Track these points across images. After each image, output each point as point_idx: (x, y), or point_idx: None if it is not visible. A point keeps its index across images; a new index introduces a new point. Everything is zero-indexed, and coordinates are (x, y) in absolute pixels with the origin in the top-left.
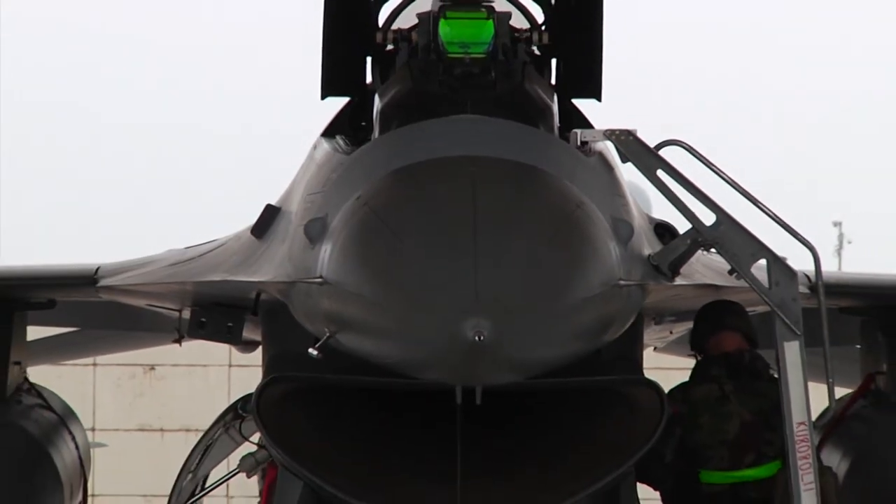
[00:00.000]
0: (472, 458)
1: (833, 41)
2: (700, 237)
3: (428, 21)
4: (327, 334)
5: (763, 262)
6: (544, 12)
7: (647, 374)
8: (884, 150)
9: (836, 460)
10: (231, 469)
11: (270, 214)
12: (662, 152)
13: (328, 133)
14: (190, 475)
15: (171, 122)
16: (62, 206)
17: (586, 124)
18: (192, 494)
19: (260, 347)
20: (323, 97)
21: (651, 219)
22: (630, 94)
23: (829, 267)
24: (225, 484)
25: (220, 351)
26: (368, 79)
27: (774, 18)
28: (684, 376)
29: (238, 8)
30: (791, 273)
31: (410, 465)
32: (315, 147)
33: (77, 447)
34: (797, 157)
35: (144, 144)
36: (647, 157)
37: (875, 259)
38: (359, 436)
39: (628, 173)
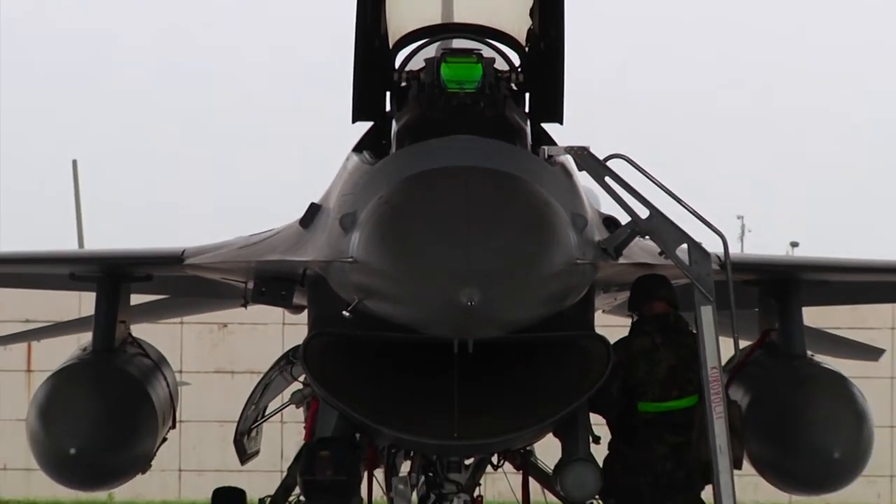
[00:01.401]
0: (465, 396)
1: (739, 54)
2: (637, 227)
3: (432, 64)
4: (356, 300)
5: (685, 245)
6: (520, 58)
7: (598, 330)
8: (778, 159)
9: (740, 395)
10: (284, 401)
11: (314, 210)
12: (609, 163)
13: (357, 149)
14: (253, 406)
15: (233, 132)
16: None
17: (551, 142)
18: (255, 420)
19: (306, 310)
20: (353, 121)
21: (600, 213)
22: (584, 119)
23: (734, 250)
24: (279, 413)
25: (275, 313)
26: (388, 108)
27: (691, 34)
28: (625, 332)
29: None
30: (706, 254)
31: (419, 401)
32: (347, 159)
33: (168, 385)
34: (712, 164)
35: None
36: (597, 167)
37: (769, 244)
38: (381, 377)
39: (583, 179)
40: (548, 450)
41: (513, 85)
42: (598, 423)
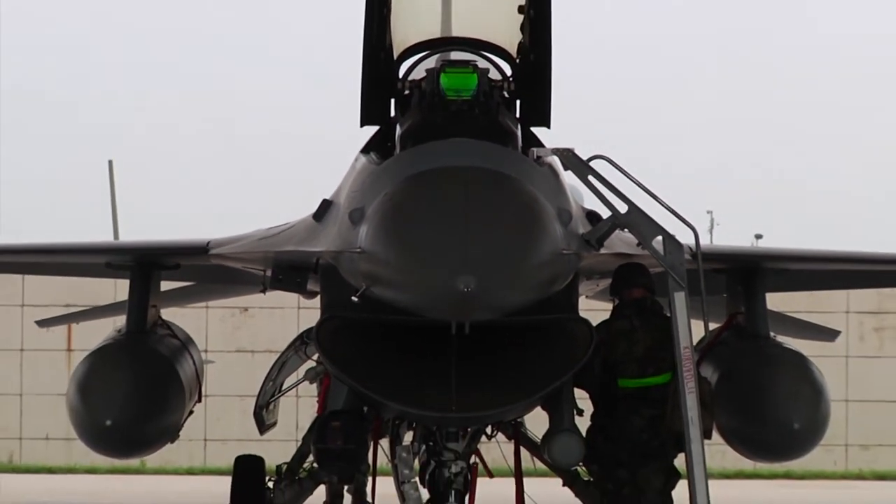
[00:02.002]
0: (462, 373)
1: (701, 55)
2: (617, 221)
3: (433, 74)
4: (364, 287)
5: (660, 237)
6: (511, 68)
7: (581, 314)
8: (745, 157)
9: (709, 372)
10: (299, 378)
11: (325, 206)
12: (592, 163)
13: (365, 150)
14: (271, 382)
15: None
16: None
17: (540, 144)
18: (273, 395)
19: (319, 295)
20: (361, 126)
21: (584, 208)
22: (569, 122)
23: (704, 241)
24: (295, 388)
25: (291, 298)
26: (392, 113)
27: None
28: (606, 315)
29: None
30: (679, 245)
31: (421, 377)
32: (356, 160)
33: (194, 363)
34: (685, 162)
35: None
36: (581, 167)
37: (736, 236)
38: (386, 357)
39: (569, 177)
40: (536, 421)
41: (505, 93)
42: (582, 398)
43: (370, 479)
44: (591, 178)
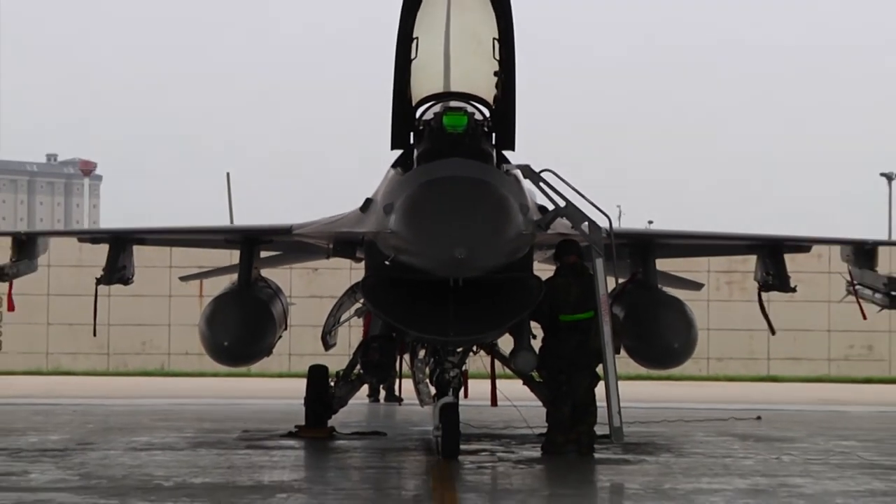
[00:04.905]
0: (457, 311)
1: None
2: (558, 212)
3: (438, 116)
4: (393, 255)
5: (586, 223)
6: (489, 112)
7: (535, 272)
8: (642, 169)
9: (619, 311)
10: (351, 314)
11: (368, 202)
12: (542, 174)
13: (394, 165)
14: (332, 317)
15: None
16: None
17: (507, 161)
18: (333, 325)
19: (364, 261)
20: (392, 149)
21: (537, 204)
22: (528, 145)
23: (615, 225)
24: (348, 321)
25: (345, 262)
26: (411, 141)
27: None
28: (551, 273)
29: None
30: (598, 227)
31: (430, 314)
32: (388, 171)
33: (283, 305)
34: (602, 172)
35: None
36: (534, 176)
37: (636, 222)
38: (408, 301)
39: (526, 183)
40: (505, 342)
41: (485, 128)
42: (535, 327)
43: (397, 380)
44: (541, 183)
